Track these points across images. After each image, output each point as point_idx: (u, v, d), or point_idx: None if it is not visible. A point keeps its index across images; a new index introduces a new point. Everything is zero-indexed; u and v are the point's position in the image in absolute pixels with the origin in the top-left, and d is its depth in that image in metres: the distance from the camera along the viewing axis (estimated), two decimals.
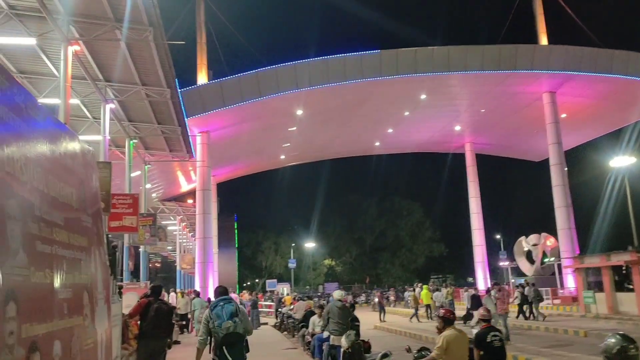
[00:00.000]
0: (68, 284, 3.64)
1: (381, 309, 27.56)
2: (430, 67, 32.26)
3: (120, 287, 7.39)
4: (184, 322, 21.35)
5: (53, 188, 3.55)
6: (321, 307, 13.99)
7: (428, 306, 26.40)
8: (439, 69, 32.40)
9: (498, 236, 54.49)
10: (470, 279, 65.84)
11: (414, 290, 28.81)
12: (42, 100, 15.60)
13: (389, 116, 39.16)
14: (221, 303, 6.67)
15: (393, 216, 75.50)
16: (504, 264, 48.60)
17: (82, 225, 4.17)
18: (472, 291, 25.79)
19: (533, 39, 36.65)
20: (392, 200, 77.22)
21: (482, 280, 43.82)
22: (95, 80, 16.90)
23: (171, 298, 23.46)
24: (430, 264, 75.23)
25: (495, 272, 50.66)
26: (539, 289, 25.50)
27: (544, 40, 36.39)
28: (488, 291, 19.07)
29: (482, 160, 48.96)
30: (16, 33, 13.69)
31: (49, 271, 3.29)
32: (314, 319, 13.65)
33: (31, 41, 13.80)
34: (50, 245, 3.37)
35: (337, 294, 11.61)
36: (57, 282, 3.41)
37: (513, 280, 40.91)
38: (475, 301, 20.01)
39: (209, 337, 6.69)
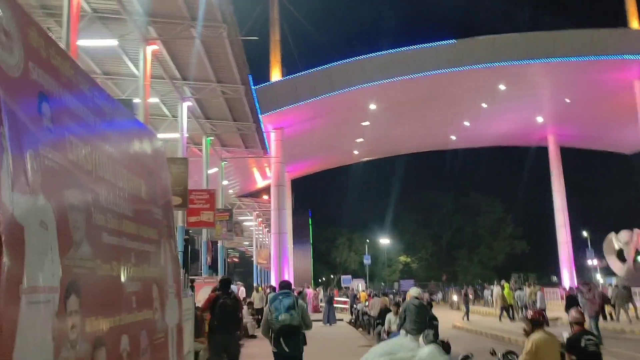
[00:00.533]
0: (136, 276, 3.55)
1: (467, 308, 26.61)
2: (511, 55, 30.89)
3: (192, 281, 7.33)
4: (259, 317, 21.55)
5: (121, 179, 3.47)
6: (397, 304, 13.64)
7: (510, 306, 25.27)
8: (519, 57, 30.99)
9: (585, 233, 51.52)
10: (554, 278, 62.92)
11: (502, 287, 26.99)
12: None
13: (465, 109, 37.94)
14: (280, 297, 6.86)
15: (471, 212, 73.41)
16: (592, 262, 45.92)
17: (151, 217, 4.09)
18: (570, 291, 24.22)
19: (622, 22, 34.26)
20: (469, 195, 75.13)
21: (567, 279, 41.64)
22: (173, 79, 17.35)
23: (240, 293, 23.68)
24: (511, 261, 72.45)
25: (582, 271, 47.96)
26: (633, 289, 23.73)
27: (634, 23, 33.91)
28: (580, 291, 17.87)
29: (567, 153, 46.55)
30: (100, 35, 14.24)
31: (116, 263, 3.19)
32: (390, 316, 13.31)
33: (113, 42, 14.29)
34: (118, 237, 3.28)
35: (414, 291, 11.22)
36: (124, 275, 3.32)
37: (602, 281, 38.54)
38: (571, 302, 18.76)
39: (270, 330, 6.87)
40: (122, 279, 3.27)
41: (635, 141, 36.17)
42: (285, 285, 7.39)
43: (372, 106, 33.26)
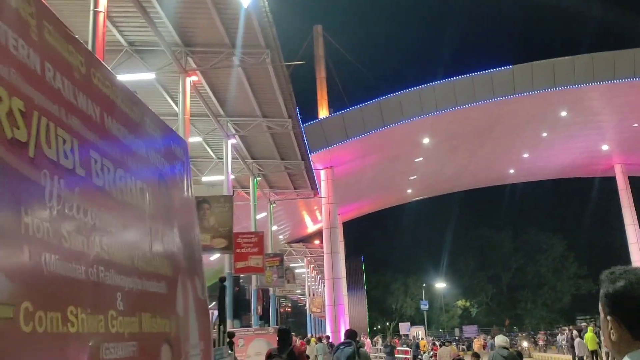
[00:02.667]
0: (127, 334, 2.13)
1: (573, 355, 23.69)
2: (571, 79, 29.02)
3: (231, 335, 5.69)
4: None
5: (93, 167, 2.09)
6: (477, 355, 11.80)
7: (594, 353, 22.45)
8: (581, 81, 29.05)
9: None
10: None
11: (599, 334, 23.60)
12: None
13: (524, 139, 35.89)
14: (342, 346, 7.21)
15: (531, 251, 69.59)
16: None
17: (159, 240, 2.68)
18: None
19: None
20: (529, 233, 71.46)
21: None
22: (216, 115, 16.42)
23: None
24: (578, 303, 67.83)
25: None
26: None
27: None
28: None
29: (637, 183, 43.37)
30: (136, 70, 13.47)
31: (78, 311, 1.77)
32: None
33: (150, 76, 13.50)
34: (86, 264, 1.89)
35: (500, 339, 9.59)
36: (95, 333, 1.89)
37: None
38: None
39: None
40: (90, 339, 1.85)
41: None
42: (349, 335, 7.56)
43: (425, 140, 31.71)
